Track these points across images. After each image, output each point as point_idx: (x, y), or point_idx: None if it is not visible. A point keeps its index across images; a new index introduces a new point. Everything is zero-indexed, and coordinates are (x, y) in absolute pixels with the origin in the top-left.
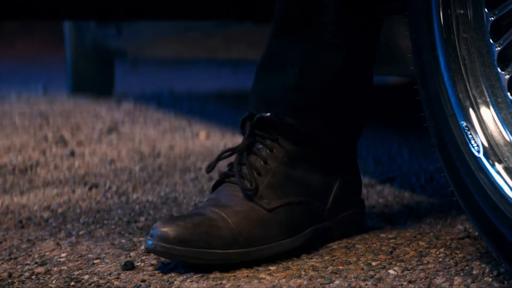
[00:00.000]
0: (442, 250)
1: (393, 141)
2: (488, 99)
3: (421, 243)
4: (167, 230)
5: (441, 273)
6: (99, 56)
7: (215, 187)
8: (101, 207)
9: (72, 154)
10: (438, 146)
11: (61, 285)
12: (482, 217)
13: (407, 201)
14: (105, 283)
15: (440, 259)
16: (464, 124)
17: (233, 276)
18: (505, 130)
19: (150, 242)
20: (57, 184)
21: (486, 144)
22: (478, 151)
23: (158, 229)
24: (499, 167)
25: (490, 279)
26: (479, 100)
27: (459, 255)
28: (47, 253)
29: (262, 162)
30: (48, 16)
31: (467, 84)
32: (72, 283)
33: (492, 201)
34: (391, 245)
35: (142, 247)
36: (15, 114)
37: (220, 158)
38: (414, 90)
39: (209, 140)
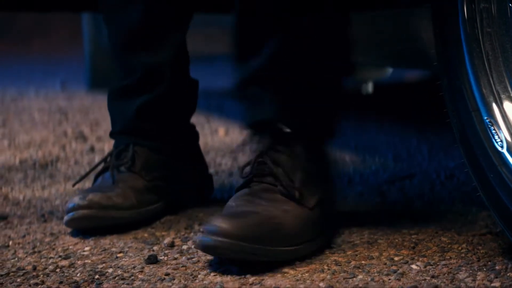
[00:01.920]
0: (464, 245)
1: (413, 138)
2: (511, 95)
3: (443, 238)
4: (230, 227)
5: (463, 268)
6: None
7: (243, 187)
8: None
9: (92, 149)
10: (460, 142)
11: (86, 278)
12: (505, 212)
13: (428, 198)
14: (129, 276)
15: (463, 255)
16: (488, 119)
17: (257, 270)
18: None
19: (208, 239)
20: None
21: (509, 139)
22: (502, 146)
23: (219, 225)
24: None
25: None
26: (502, 96)
27: (482, 251)
28: (70, 247)
29: (289, 161)
30: (65, 8)
31: (491, 79)
32: (97, 276)
33: None
34: (413, 240)
35: (165, 241)
36: (34, 110)
37: (255, 162)
38: (435, 85)
39: (228, 137)
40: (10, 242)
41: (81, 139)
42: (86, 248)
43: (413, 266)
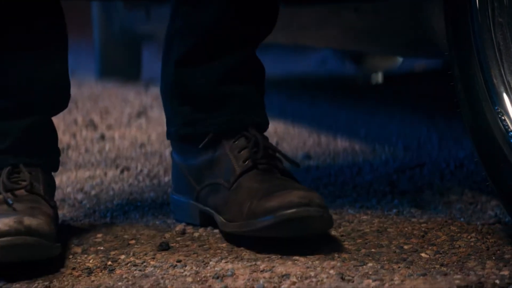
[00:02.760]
0: (473, 235)
1: (423, 128)
2: None
3: (452, 227)
4: (313, 194)
5: (473, 257)
6: (127, 40)
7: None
8: (133, 190)
9: (102, 137)
10: (470, 132)
11: (98, 265)
12: None
13: (437, 187)
14: (142, 263)
15: (472, 244)
16: (498, 109)
17: (267, 257)
18: None
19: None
20: (89, 166)
21: None
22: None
23: (315, 199)
24: None
25: None
26: None
27: (491, 240)
28: (83, 235)
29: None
30: None
31: (502, 69)
32: (109, 263)
33: None
34: (423, 229)
35: (177, 229)
36: None
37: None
38: (446, 75)
39: None
40: None
41: (91, 127)
42: (99, 235)
43: (423, 255)
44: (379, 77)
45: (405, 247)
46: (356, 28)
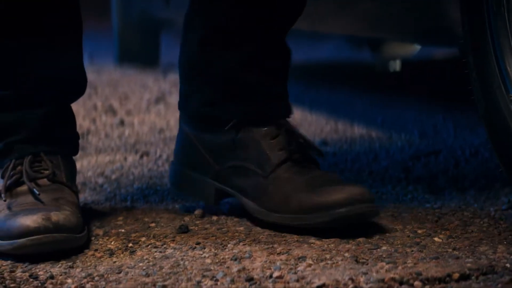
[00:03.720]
0: (486, 220)
1: (438, 115)
2: None
3: (465, 213)
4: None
5: (484, 241)
6: (146, 26)
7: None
8: (153, 174)
9: (122, 123)
10: (484, 119)
11: (120, 246)
12: None
13: (452, 174)
14: (162, 245)
15: (484, 229)
16: (511, 97)
17: (284, 240)
18: None
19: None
20: (109, 151)
21: None
22: None
23: (366, 194)
24: None
25: None
26: None
27: (503, 225)
28: (104, 218)
29: None
30: None
31: None
32: (130, 245)
33: None
34: (436, 214)
35: (196, 212)
36: None
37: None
38: (461, 63)
39: None
40: None
41: (111, 112)
42: (120, 218)
43: (436, 239)
44: (397, 65)
45: (419, 231)
46: (373, 15)
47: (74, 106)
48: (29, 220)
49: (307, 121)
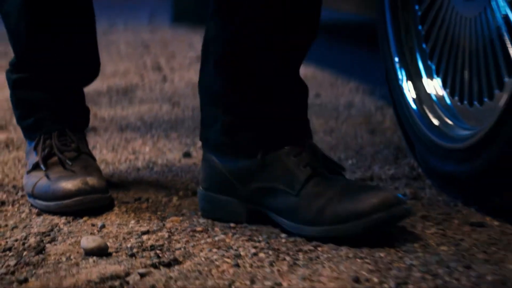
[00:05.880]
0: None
1: None
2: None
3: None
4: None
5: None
6: None
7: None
8: (178, 119)
9: (165, 79)
10: (387, 81)
11: (144, 165)
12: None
13: None
14: (171, 165)
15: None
16: (398, 63)
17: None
18: None
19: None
20: (149, 102)
21: (407, 79)
22: (403, 83)
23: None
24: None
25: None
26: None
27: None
28: (137, 148)
29: None
30: None
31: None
32: (151, 165)
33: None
34: None
35: (199, 144)
36: (121, 43)
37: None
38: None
39: None
40: (98, 144)
41: (157, 69)
42: (147, 148)
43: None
44: None
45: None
46: None
47: (127, 63)
48: (71, 185)
49: (315, 78)
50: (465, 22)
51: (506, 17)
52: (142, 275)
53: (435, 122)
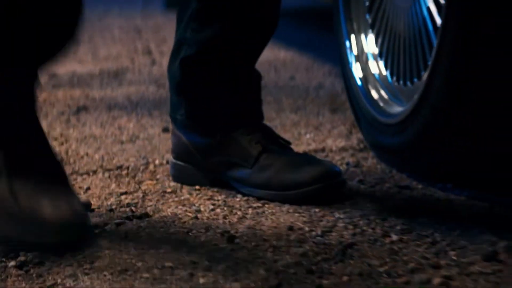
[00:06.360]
0: None
1: None
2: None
3: None
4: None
5: None
6: None
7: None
8: (162, 99)
9: (154, 62)
10: (339, 59)
11: (128, 139)
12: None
13: None
14: (151, 139)
15: None
16: (348, 41)
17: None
18: None
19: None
20: (137, 84)
21: (356, 49)
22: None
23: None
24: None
25: None
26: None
27: None
28: (122, 124)
29: None
30: None
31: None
32: (134, 138)
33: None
34: None
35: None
36: (115, 28)
37: None
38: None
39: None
40: (87, 121)
41: (147, 54)
42: (131, 124)
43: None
44: None
45: None
46: None
47: (119, 47)
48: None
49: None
50: (401, 12)
51: (428, 8)
52: (118, 225)
53: (378, 100)
